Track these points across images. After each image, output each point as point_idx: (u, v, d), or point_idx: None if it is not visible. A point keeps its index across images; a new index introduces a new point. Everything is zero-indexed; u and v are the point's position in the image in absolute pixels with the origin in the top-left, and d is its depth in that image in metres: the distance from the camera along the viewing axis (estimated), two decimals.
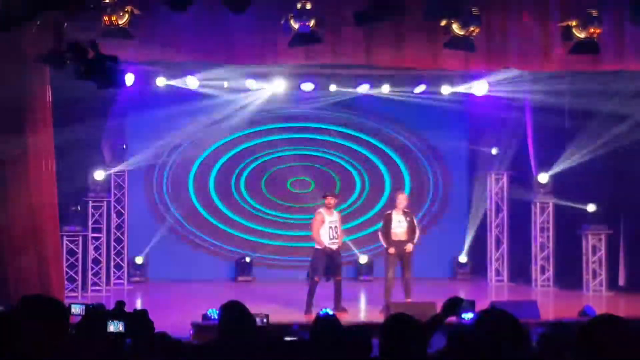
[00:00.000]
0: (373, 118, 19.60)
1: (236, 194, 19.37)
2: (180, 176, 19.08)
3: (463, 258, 19.74)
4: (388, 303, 13.88)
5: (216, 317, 6.73)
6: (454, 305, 5.83)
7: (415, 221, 14.82)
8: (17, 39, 12.74)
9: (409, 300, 14.14)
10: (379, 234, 14.81)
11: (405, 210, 14.65)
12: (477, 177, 19.82)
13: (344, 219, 16.11)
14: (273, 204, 19.39)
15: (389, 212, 14.75)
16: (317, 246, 14.33)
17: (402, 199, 14.67)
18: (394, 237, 14.45)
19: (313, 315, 13.45)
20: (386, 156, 19.90)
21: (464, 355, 4.23)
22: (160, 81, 16.85)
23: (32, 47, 12.86)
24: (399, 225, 14.48)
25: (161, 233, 18.72)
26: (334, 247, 14.28)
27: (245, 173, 19.46)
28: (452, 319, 5.90)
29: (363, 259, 18.98)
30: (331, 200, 14.42)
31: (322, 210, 14.49)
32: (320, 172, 19.54)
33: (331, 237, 14.28)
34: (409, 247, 14.39)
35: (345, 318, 12.64)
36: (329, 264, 14.20)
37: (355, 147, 19.76)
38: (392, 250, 14.44)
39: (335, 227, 14.33)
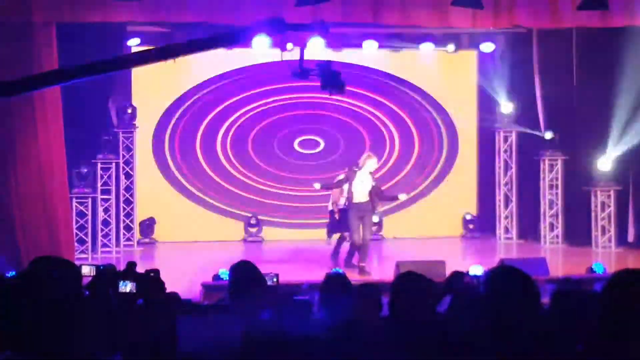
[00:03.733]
0: (380, 76, 19.48)
1: (245, 154, 19.33)
2: (189, 136, 19.04)
3: (472, 216, 19.74)
4: (360, 265, 13.80)
5: (226, 277, 6.76)
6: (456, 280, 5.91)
7: (378, 186, 14.21)
8: (24, 4, 12.76)
9: (363, 264, 13.85)
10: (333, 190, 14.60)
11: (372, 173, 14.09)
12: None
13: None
14: (282, 164, 19.34)
15: (355, 169, 14.01)
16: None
17: (372, 163, 14.01)
18: (354, 200, 13.86)
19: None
20: (394, 114, 19.80)
21: (474, 313, 4.24)
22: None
23: (40, 11, 12.87)
24: (361, 184, 13.84)
25: (171, 194, 18.77)
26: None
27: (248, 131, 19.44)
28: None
29: (374, 218, 18.87)
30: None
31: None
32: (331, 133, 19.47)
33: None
34: (403, 196, 14.83)
35: (355, 277, 12.68)
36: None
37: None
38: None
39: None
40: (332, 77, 7.16)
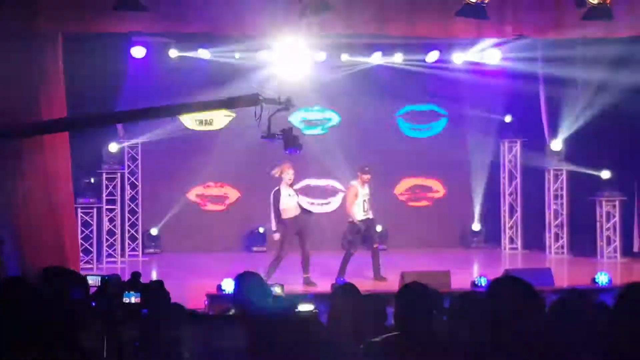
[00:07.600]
0: (385, 87, 19.45)
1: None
2: (194, 146, 19.03)
3: (476, 226, 19.74)
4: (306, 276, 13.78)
5: (231, 287, 6.77)
6: None
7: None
8: (30, 15, 12.77)
9: (306, 275, 13.82)
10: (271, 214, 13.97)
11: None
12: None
13: None
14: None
15: (277, 188, 13.92)
16: (353, 219, 14.23)
17: (291, 173, 13.93)
18: (285, 215, 13.78)
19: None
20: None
21: (478, 323, 4.25)
22: (173, 53, 17.11)
23: (46, 21, 12.88)
24: (289, 198, 13.85)
25: (175, 204, 18.75)
26: (369, 217, 14.31)
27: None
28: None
29: (377, 228, 18.83)
30: (365, 176, 14.30)
31: (355, 183, 14.42)
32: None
33: (365, 209, 14.26)
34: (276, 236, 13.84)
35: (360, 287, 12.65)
36: (364, 235, 14.24)
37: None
38: (276, 236, 13.83)
39: (369, 199, 14.28)
40: (293, 140, 9.21)
